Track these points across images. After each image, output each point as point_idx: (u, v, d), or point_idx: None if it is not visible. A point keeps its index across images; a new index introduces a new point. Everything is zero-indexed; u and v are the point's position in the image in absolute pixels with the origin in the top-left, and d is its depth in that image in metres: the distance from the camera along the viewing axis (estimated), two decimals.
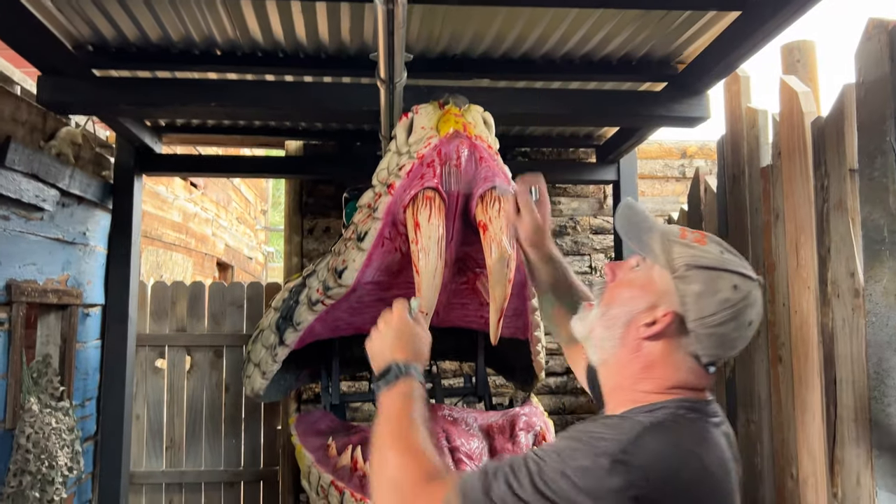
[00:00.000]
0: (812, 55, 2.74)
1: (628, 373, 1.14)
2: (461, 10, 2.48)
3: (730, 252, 1.12)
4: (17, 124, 2.72)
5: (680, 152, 4.65)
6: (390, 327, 1.40)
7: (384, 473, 1.14)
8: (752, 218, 2.84)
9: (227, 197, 8.62)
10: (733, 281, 1.07)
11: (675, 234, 1.14)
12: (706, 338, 1.08)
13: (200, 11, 2.49)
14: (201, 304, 4.20)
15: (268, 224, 12.28)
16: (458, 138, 2.06)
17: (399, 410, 1.23)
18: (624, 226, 1.22)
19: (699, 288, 1.07)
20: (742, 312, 1.07)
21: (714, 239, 1.14)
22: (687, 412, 1.06)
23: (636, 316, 1.13)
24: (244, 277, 9.49)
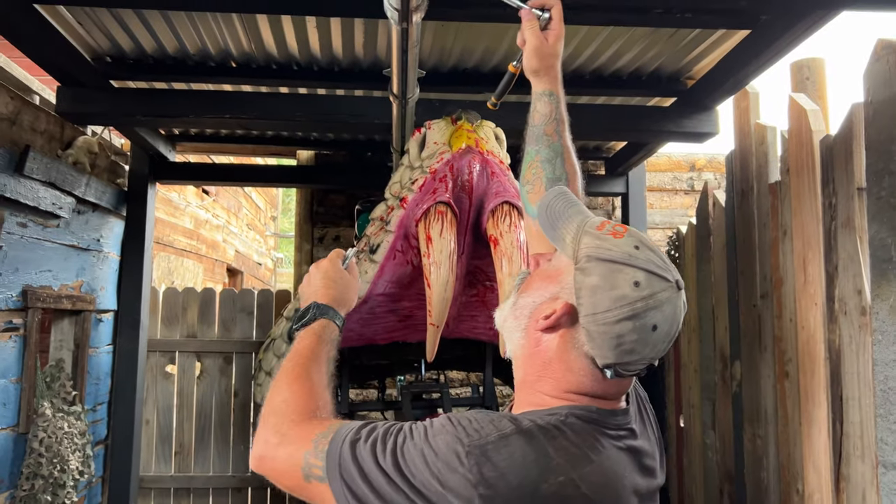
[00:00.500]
0: (821, 73, 2.75)
1: (530, 369, 1.08)
2: (473, 25, 2.52)
3: (649, 249, 1.01)
4: (36, 133, 2.77)
5: (689, 165, 4.67)
6: (319, 272, 1.42)
7: (273, 401, 1.14)
8: (760, 233, 2.85)
9: (237, 203, 8.68)
10: (635, 277, 0.97)
11: (592, 225, 1.05)
12: (598, 336, 0.98)
13: (217, 24, 2.53)
14: (212, 310, 4.24)
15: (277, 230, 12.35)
16: (471, 153, 2.09)
17: (305, 347, 1.24)
18: (542, 214, 1.13)
19: (595, 281, 0.98)
20: (642, 314, 0.96)
21: (635, 235, 1.03)
22: (577, 421, 1.00)
23: (539, 306, 1.06)
24: (254, 283, 9.54)
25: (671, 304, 0.98)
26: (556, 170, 1.36)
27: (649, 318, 0.96)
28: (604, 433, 1.01)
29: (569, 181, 1.37)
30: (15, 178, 2.57)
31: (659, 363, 1.14)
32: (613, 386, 1.04)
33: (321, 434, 1.02)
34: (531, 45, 1.47)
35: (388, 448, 0.95)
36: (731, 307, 3.10)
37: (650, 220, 4.45)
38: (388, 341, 2.56)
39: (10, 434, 2.67)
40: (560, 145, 1.39)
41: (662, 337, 0.98)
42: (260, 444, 1.09)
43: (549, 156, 1.38)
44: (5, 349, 2.63)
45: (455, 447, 0.92)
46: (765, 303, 2.81)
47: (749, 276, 2.93)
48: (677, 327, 1.00)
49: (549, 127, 1.41)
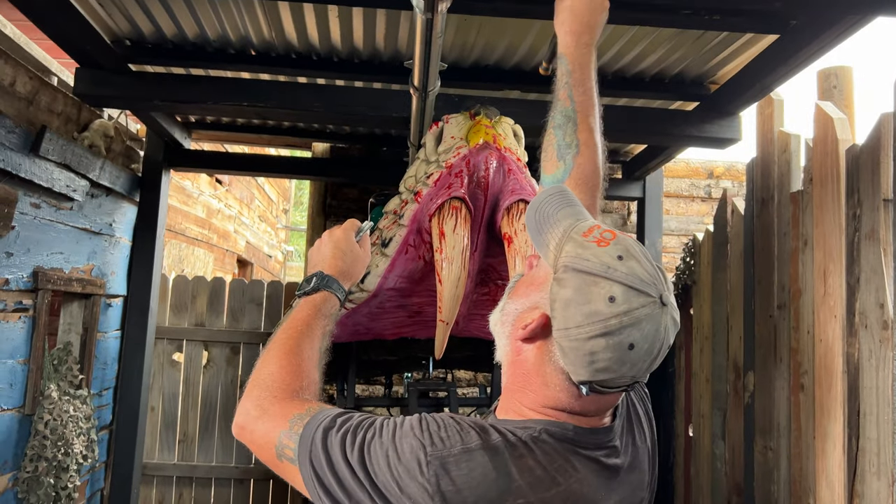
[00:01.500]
0: (849, 82, 2.70)
1: (513, 377, 1.04)
2: (496, 21, 2.48)
3: (634, 260, 0.94)
4: (53, 115, 2.76)
5: (707, 172, 4.62)
6: (331, 240, 1.38)
7: (260, 371, 1.12)
8: (779, 243, 2.81)
9: (250, 194, 8.69)
10: (611, 292, 0.90)
11: (579, 231, 0.99)
12: (570, 352, 0.93)
13: (238, 11, 2.51)
14: (221, 299, 4.23)
15: (289, 223, 12.36)
16: (488, 149, 2.06)
17: (301, 319, 1.21)
18: (531, 217, 1.06)
19: (569, 294, 0.93)
20: (617, 331, 0.90)
21: (622, 243, 0.96)
22: (550, 439, 0.96)
23: (521, 314, 1.02)
24: (263, 275, 9.55)
25: (652, 322, 0.91)
26: (566, 136, 1.29)
27: (625, 335, 0.90)
28: (578, 453, 0.97)
29: (581, 148, 1.29)
30: (30, 158, 2.56)
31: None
32: (592, 403, 0.98)
33: (298, 415, 1.00)
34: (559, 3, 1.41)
35: (357, 442, 0.94)
36: (746, 317, 3.05)
37: (665, 226, 4.39)
38: (396, 336, 2.53)
39: (15, 415, 2.66)
40: (573, 110, 1.31)
41: (642, 356, 0.92)
42: (242, 413, 1.08)
43: (561, 121, 1.32)
44: (14, 330, 2.62)
45: (418, 454, 0.90)
46: (782, 313, 2.76)
47: (766, 286, 2.88)
48: (662, 345, 0.93)
49: (562, 92, 1.35)
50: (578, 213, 1.05)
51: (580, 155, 1.29)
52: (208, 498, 4.12)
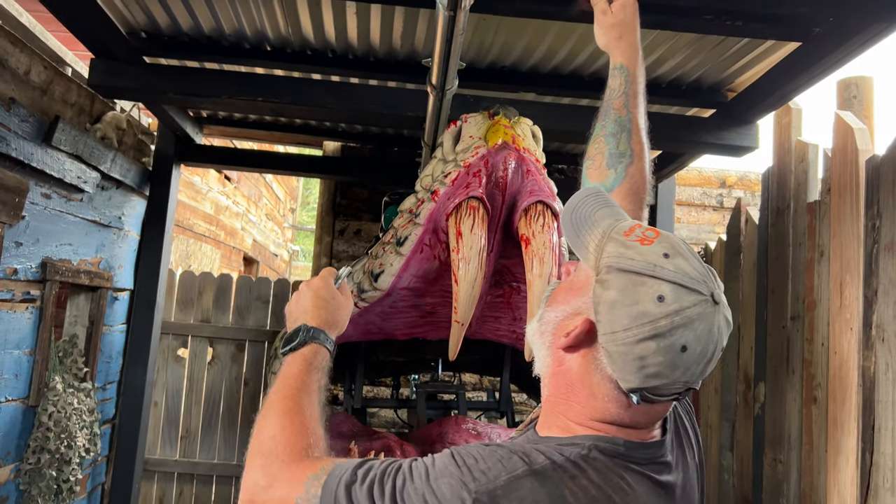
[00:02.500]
0: (869, 92, 2.68)
1: (555, 389, 0.99)
2: (516, 21, 2.46)
3: (681, 257, 0.89)
4: (67, 105, 2.75)
5: (719, 181, 4.60)
6: (310, 290, 1.32)
7: (261, 437, 1.05)
8: (794, 253, 2.78)
9: (258, 192, 8.68)
10: (660, 291, 0.86)
11: (619, 231, 0.94)
12: (619, 358, 0.88)
13: (255, 5, 2.49)
14: (228, 296, 4.21)
15: (295, 222, 12.35)
16: (507, 150, 2.04)
17: (294, 376, 1.15)
18: (567, 219, 1.02)
19: (614, 295, 0.88)
20: (668, 333, 0.85)
21: (667, 240, 0.92)
22: (601, 455, 0.90)
23: (561, 322, 0.97)
24: (269, 274, 9.54)
25: (705, 321, 0.86)
26: (620, 145, 1.28)
27: (677, 337, 0.85)
28: (631, 469, 0.91)
29: (634, 159, 1.28)
30: (42, 147, 2.55)
31: None
32: (643, 413, 0.93)
33: (313, 476, 0.94)
34: (596, 17, 1.41)
35: (387, 492, 0.88)
36: (758, 327, 3.02)
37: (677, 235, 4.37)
38: (408, 337, 2.50)
39: (19, 406, 2.64)
40: (628, 120, 1.31)
41: (696, 358, 0.87)
42: (249, 487, 1.00)
43: (614, 130, 1.31)
44: (21, 320, 2.60)
45: (460, 493, 0.85)
46: (795, 324, 2.73)
47: (780, 297, 2.85)
48: (716, 347, 0.89)
49: (617, 101, 1.34)
50: (617, 213, 1.01)
51: (633, 165, 1.28)
52: (209, 495, 4.10)
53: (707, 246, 3.68)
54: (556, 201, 2.09)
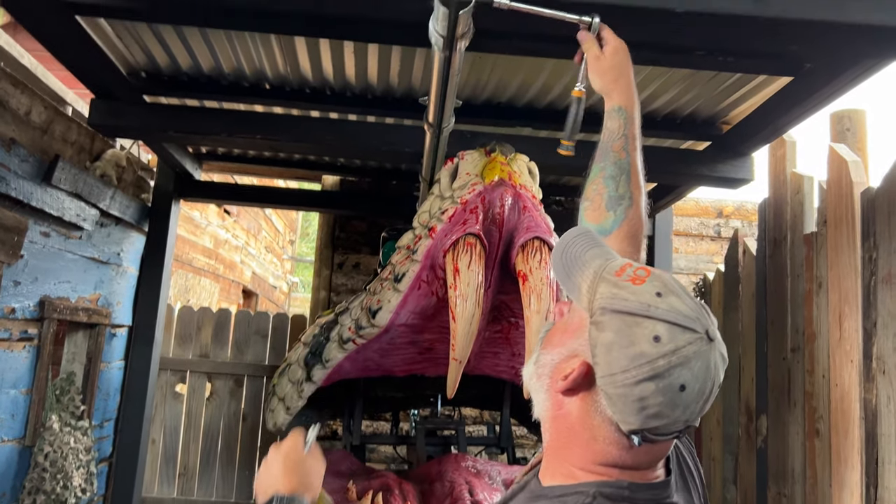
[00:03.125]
0: (862, 124, 2.70)
1: (556, 434, 0.98)
2: (511, 59, 2.49)
3: (674, 295, 0.89)
4: (67, 144, 2.77)
5: (716, 211, 4.61)
6: (279, 456, 1.29)
7: None
8: (792, 284, 2.78)
9: (257, 225, 8.70)
10: (655, 331, 0.86)
11: (611, 270, 0.94)
12: (619, 400, 0.87)
13: (254, 45, 2.53)
14: (226, 331, 4.19)
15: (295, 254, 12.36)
16: (503, 186, 2.05)
17: None
18: (557, 261, 1.02)
19: (610, 337, 0.88)
20: (666, 373, 0.85)
21: (659, 278, 0.92)
22: (606, 501, 0.89)
23: (558, 365, 0.95)
24: (268, 306, 9.51)
25: (701, 359, 0.86)
26: (619, 188, 1.28)
27: (675, 376, 0.85)
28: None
29: (633, 202, 1.28)
30: (42, 187, 2.56)
31: None
32: (645, 454, 0.92)
33: None
34: (589, 62, 1.43)
35: None
36: (758, 358, 3.01)
37: (675, 265, 4.37)
38: (406, 374, 2.49)
39: (15, 446, 2.62)
40: (628, 163, 1.31)
41: (695, 397, 0.87)
42: None
43: (613, 173, 1.31)
44: (18, 359, 2.59)
45: None
46: (795, 356, 2.72)
47: (779, 328, 2.85)
48: (714, 384, 0.88)
49: (616, 143, 1.34)
50: (606, 252, 1.01)
51: (631, 208, 1.28)
52: None
53: (706, 277, 3.68)
54: (553, 237, 2.10)
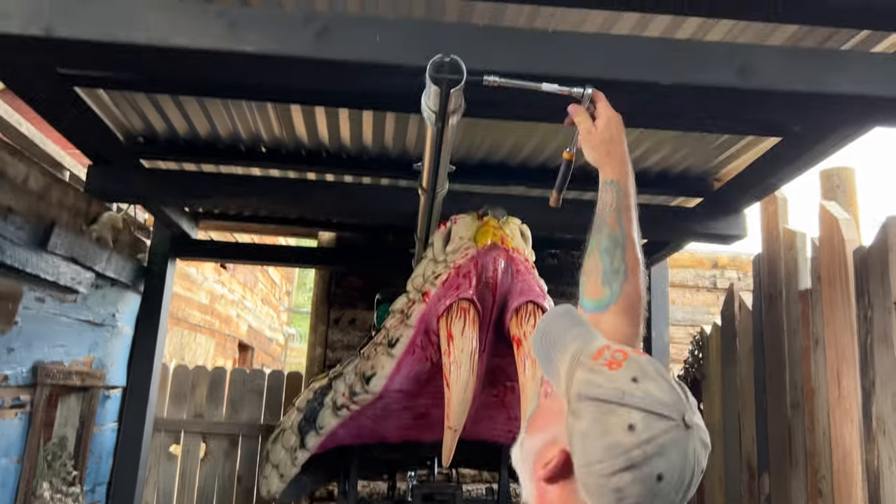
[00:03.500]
0: (851, 182, 2.73)
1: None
2: (504, 122, 2.53)
3: (650, 380, 0.88)
4: (63, 209, 2.78)
5: (711, 262, 4.63)
6: None
7: None
8: (789, 340, 2.77)
9: (253, 278, 8.70)
10: (630, 419, 0.84)
11: (588, 354, 0.93)
12: (596, 490, 0.85)
13: (250, 111, 2.57)
14: (221, 390, 4.15)
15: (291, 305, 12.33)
16: (496, 250, 2.06)
17: None
18: (537, 343, 1.00)
19: (585, 426, 0.86)
20: (643, 463, 0.83)
21: (636, 362, 0.91)
22: None
23: (541, 452, 0.94)
24: (264, 359, 9.45)
25: (678, 448, 0.85)
26: (614, 261, 1.26)
27: (651, 466, 0.83)
28: None
29: (628, 275, 1.26)
30: (38, 253, 2.56)
31: None
32: None
33: None
34: (581, 135, 1.43)
35: None
36: (758, 414, 2.98)
37: (672, 317, 4.36)
38: (401, 440, 2.46)
39: None
40: (622, 236, 1.29)
41: (674, 486, 0.84)
42: None
43: (608, 246, 1.28)
44: (10, 427, 2.56)
45: None
46: (795, 413, 2.70)
47: (778, 384, 2.83)
48: (693, 472, 0.86)
49: (610, 216, 1.32)
50: (586, 333, 1.01)
51: (627, 281, 1.25)
52: None
53: (703, 330, 3.67)
54: (547, 300, 2.10)
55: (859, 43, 1.97)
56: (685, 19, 1.91)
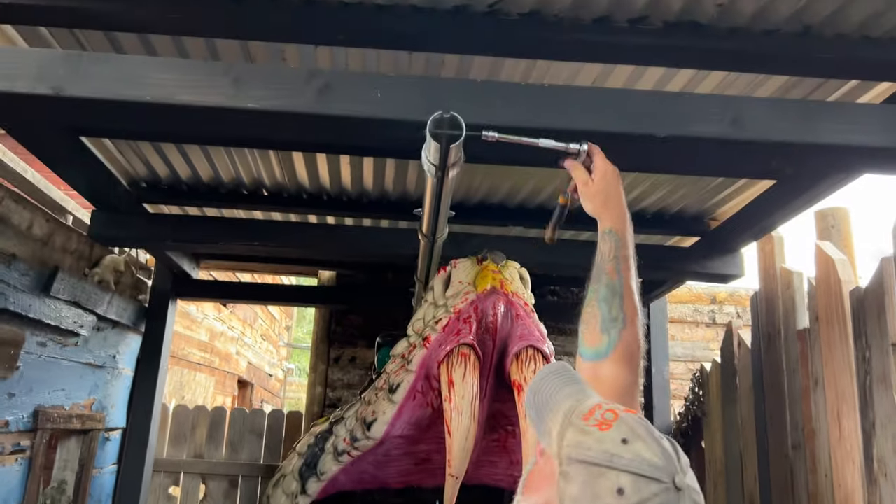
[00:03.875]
0: (846, 222, 2.77)
1: None
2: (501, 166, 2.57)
3: (641, 440, 0.88)
4: (66, 253, 2.81)
5: (710, 298, 4.64)
6: None
7: None
8: (789, 379, 2.78)
9: (253, 314, 8.70)
10: (619, 483, 0.83)
11: (580, 414, 0.92)
12: None
13: (253, 156, 2.61)
14: (221, 430, 4.13)
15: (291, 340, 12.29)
16: (495, 295, 2.08)
17: None
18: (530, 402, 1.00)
19: (575, 491, 0.85)
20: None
21: (626, 423, 0.90)
22: None
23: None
24: (263, 395, 9.40)
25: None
26: (612, 310, 1.28)
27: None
28: None
29: (626, 323, 1.27)
30: (40, 298, 2.58)
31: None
32: None
33: None
34: (578, 187, 1.46)
35: None
36: (760, 454, 2.97)
37: (671, 353, 4.37)
38: (402, 486, 2.45)
39: None
40: (620, 285, 1.31)
41: None
42: None
43: (606, 295, 1.31)
44: (10, 473, 2.55)
45: None
46: (797, 454, 2.69)
47: (779, 424, 2.82)
48: None
49: (608, 265, 1.35)
50: (579, 392, 1.00)
51: (626, 330, 1.27)
52: None
53: (703, 367, 3.67)
54: (547, 344, 2.11)
55: (846, 93, 2.02)
56: (677, 71, 1.96)
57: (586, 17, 1.75)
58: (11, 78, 1.56)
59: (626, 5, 1.70)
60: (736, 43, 1.76)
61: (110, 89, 1.57)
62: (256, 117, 1.62)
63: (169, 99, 1.59)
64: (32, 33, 1.95)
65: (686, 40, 1.76)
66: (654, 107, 1.67)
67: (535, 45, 1.78)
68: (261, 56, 1.98)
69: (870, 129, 1.67)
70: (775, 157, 1.74)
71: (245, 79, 1.61)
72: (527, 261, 2.36)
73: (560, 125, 1.62)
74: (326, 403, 4.16)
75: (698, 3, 1.68)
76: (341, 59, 1.98)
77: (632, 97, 1.70)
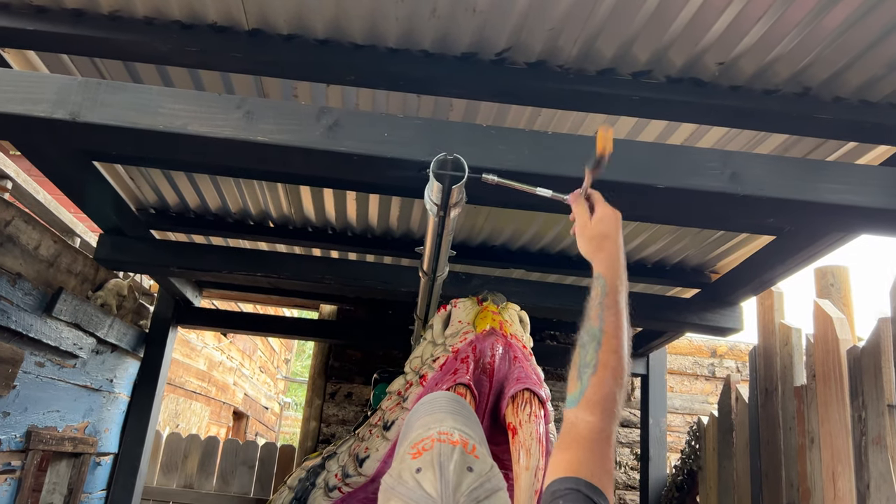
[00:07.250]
0: (846, 281, 2.77)
1: None
2: (504, 209, 2.61)
3: (431, 471, 0.95)
4: (71, 275, 2.84)
5: (710, 351, 4.63)
6: None
7: None
8: (785, 437, 2.76)
9: (253, 346, 8.68)
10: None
11: (413, 441, 1.01)
12: None
13: (260, 188, 2.65)
14: (213, 460, 4.10)
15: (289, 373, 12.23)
16: (494, 336, 2.09)
17: None
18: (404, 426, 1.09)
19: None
20: None
21: (436, 452, 0.98)
22: None
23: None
24: (258, 427, 9.31)
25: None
26: (587, 355, 1.26)
27: None
28: None
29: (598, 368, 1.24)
30: (42, 318, 2.61)
31: None
32: None
33: None
34: (577, 228, 1.46)
35: None
36: None
37: (670, 404, 4.34)
38: None
39: None
40: (599, 331, 1.28)
41: None
42: None
43: (585, 340, 1.29)
44: None
45: None
46: None
47: (774, 481, 2.79)
48: None
49: (593, 311, 1.32)
50: (436, 421, 1.06)
51: (595, 376, 1.25)
52: None
53: (700, 420, 3.65)
54: (544, 388, 2.11)
55: (845, 154, 2.06)
56: (679, 125, 2.01)
57: (591, 68, 1.80)
58: (31, 102, 1.61)
59: (629, 59, 1.75)
60: (737, 100, 1.81)
61: (125, 117, 1.61)
62: (266, 150, 1.66)
63: (182, 129, 1.63)
64: (54, 59, 2.02)
65: (688, 95, 1.80)
66: (655, 158, 1.71)
67: (541, 93, 1.83)
68: (273, 91, 2.04)
69: (868, 190, 1.70)
70: (773, 213, 1.76)
71: (257, 113, 1.65)
72: (527, 303, 2.38)
73: (561, 171, 1.65)
74: (320, 439, 4.13)
75: (700, 60, 1.73)
76: (352, 99, 2.03)
77: (634, 148, 1.73)
